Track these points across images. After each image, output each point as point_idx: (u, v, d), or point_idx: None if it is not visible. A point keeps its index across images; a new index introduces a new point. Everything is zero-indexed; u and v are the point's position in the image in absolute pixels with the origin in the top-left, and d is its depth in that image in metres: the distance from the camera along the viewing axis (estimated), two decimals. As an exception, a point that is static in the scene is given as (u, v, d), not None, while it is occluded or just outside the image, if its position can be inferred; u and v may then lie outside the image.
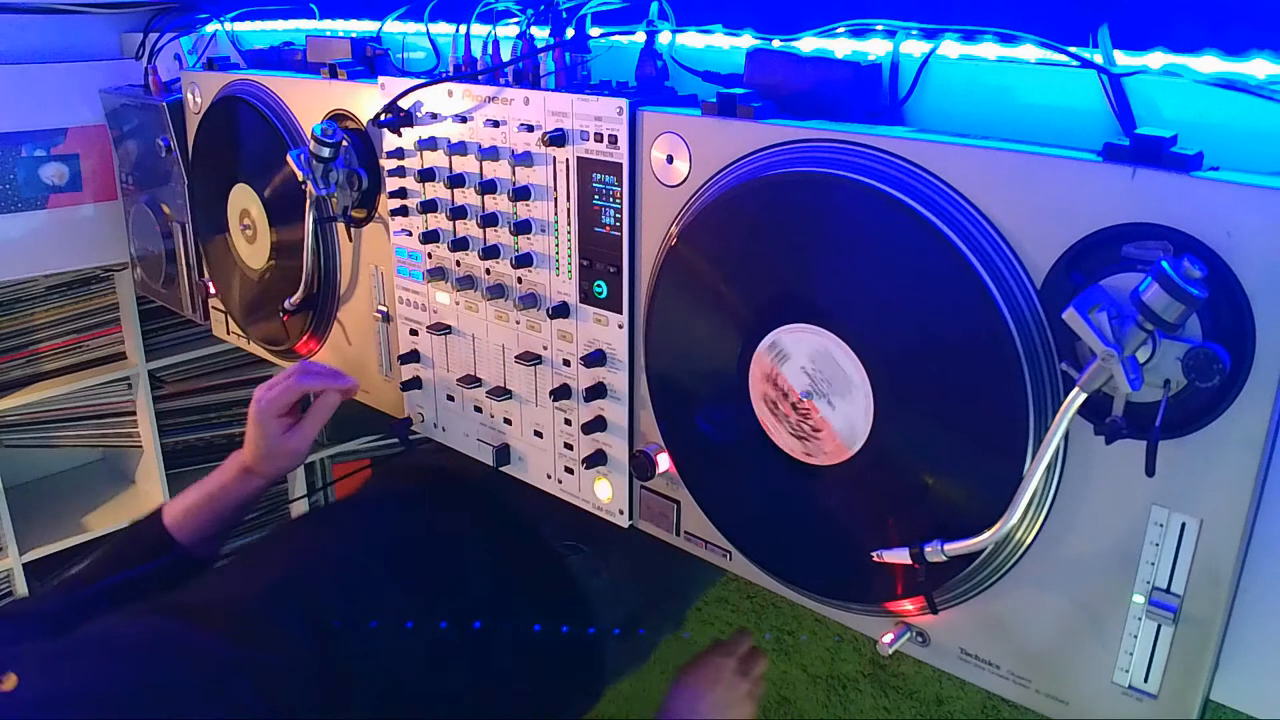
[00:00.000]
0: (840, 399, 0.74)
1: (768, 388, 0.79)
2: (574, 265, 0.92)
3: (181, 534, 1.05)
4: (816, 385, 0.76)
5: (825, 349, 0.74)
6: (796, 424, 0.78)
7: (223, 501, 1.09)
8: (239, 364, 2.18)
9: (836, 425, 0.75)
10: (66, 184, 1.64)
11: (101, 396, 2.05)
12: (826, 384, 0.75)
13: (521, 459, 1.05)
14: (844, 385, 0.74)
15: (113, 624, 0.84)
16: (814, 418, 0.76)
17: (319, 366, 1.15)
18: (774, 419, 0.79)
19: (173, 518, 1.06)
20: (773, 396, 0.79)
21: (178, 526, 1.06)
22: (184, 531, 1.06)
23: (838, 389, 0.74)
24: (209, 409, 2.20)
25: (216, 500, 1.08)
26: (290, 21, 1.42)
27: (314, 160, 1.08)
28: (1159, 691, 0.66)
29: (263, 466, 1.09)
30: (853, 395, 0.74)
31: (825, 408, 0.76)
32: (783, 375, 0.78)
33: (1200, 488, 0.61)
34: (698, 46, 0.90)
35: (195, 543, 1.06)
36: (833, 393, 0.75)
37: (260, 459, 1.09)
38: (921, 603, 0.74)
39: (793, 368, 0.77)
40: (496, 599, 1.06)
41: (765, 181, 0.75)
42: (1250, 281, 0.56)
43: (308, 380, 1.11)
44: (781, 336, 0.77)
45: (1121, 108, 0.66)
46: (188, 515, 1.07)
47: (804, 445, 0.78)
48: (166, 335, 2.07)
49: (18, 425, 2.01)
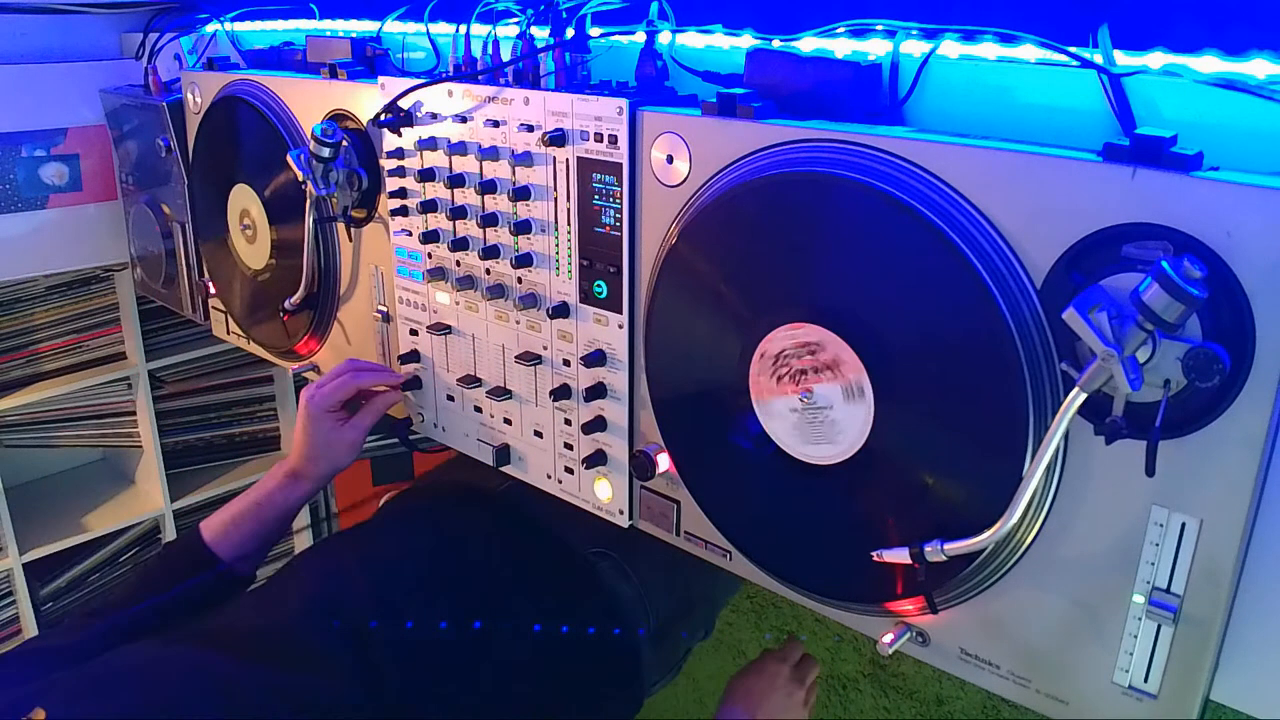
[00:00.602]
0: (840, 398, 0.74)
1: (768, 387, 0.79)
2: (574, 265, 0.92)
3: (223, 549, 1.03)
4: (816, 385, 0.76)
5: (825, 349, 0.74)
6: (797, 423, 0.78)
7: (269, 510, 1.07)
8: (239, 364, 2.18)
9: (837, 424, 0.75)
10: (66, 184, 1.64)
11: (101, 396, 2.05)
12: (827, 383, 0.75)
13: (521, 459, 1.05)
14: (844, 385, 0.74)
15: (143, 652, 0.83)
16: (818, 416, 0.76)
17: (370, 364, 1.14)
18: (774, 418, 0.79)
19: (213, 533, 1.04)
20: (773, 396, 0.79)
21: (218, 541, 1.04)
22: (225, 546, 1.04)
23: (838, 388, 0.74)
24: (209, 409, 2.20)
25: (263, 509, 1.06)
26: (290, 21, 1.42)
27: (314, 160, 1.08)
28: (1159, 691, 0.66)
29: (313, 467, 1.08)
30: (853, 395, 0.74)
31: (825, 407, 0.76)
32: (783, 374, 0.78)
33: (1200, 488, 0.61)
34: (698, 46, 0.90)
35: (236, 558, 1.04)
36: (833, 392, 0.75)
37: (311, 459, 1.07)
38: (921, 603, 0.74)
39: (793, 367, 0.77)
40: (527, 606, 1.04)
41: (765, 181, 0.75)
42: (1250, 281, 0.56)
43: (363, 378, 1.09)
44: (781, 336, 0.77)
45: (1121, 108, 0.66)
46: (229, 528, 1.05)
47: (805, 444, 0.78)
48: (166, 335, 2.07)
49: (18, 425, 2.01)
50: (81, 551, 2.03)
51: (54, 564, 2.00)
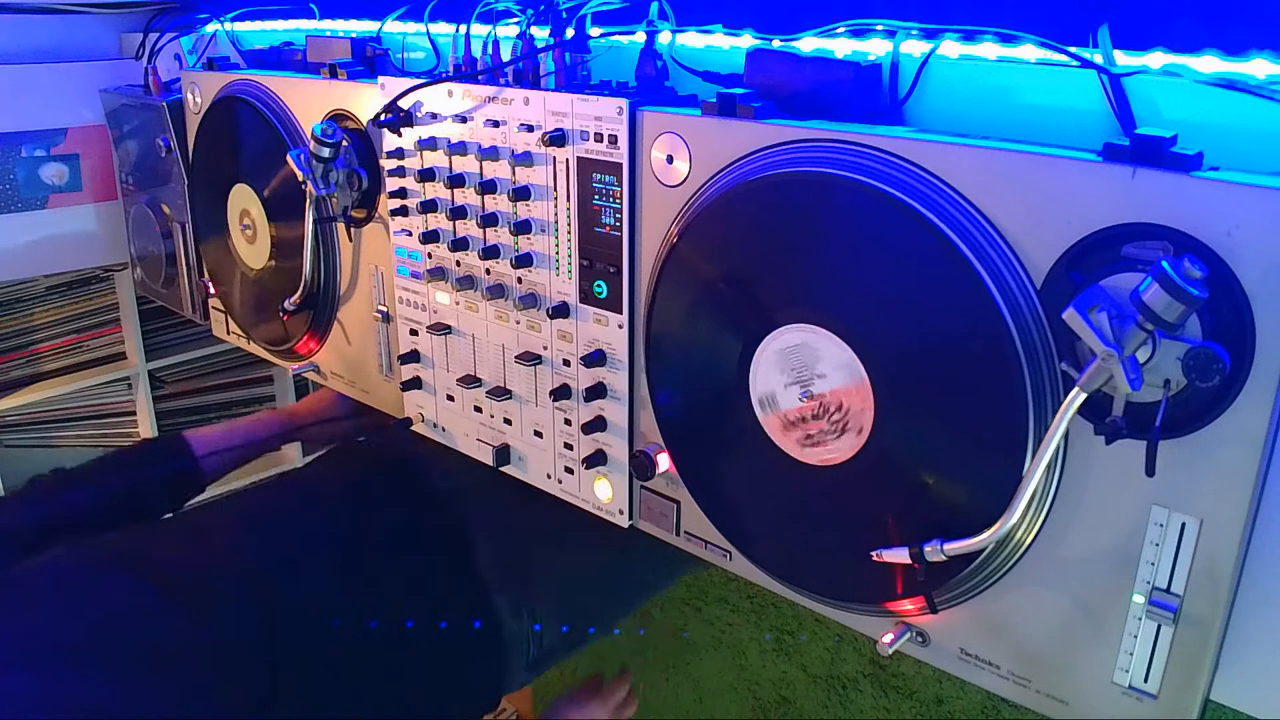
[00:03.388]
0: (840, 399, 0.74)
1: (768, 386, 0.79)
2: (574, 265, 0.92)
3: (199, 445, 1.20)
4: (816, 384, 0.76)
5: (825, 349, 0.74)
6: (798, 423, 0.78)
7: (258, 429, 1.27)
8: (239, 364, 2.18)
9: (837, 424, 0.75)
10: (66, 184, 1.64)
11: (101, 396, 2.05)
12: (826, 383, 0.75)
13: (521, 459, 1.05)
14: (844, 385, 0.74)
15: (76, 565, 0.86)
16: (819, 416, 0.76)
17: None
18: (772, 417, 0.79)
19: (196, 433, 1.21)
20: (773, 396, 0.79)
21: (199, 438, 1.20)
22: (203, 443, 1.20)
23: (838, 388, 0.74)
24: (209, 409, 2.20)
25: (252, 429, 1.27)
26: (290, 21, 1.42)
27: (314, 160, 1.08)
28: (1159, 691, 0.66)
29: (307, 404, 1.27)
30: (853, 395, 0.74)
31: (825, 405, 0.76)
32: (783, 375, 0.78)
33: (1200, 488, 0.61)
34: (698, 46, 0.90)
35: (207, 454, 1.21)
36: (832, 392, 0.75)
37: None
38: (921, 603, 0.74)
39: (793, 368, 0.77)
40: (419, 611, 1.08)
41: (765, 181, 0.75)
42: (1250, 281, 0.56)
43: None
44: (781, 336, 0.77)
45: (1121, 108, 0.66)
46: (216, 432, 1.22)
47: (806, 444, 0.78)
48: (166, 335, 2.07)
49: (18, 425, 2.01)
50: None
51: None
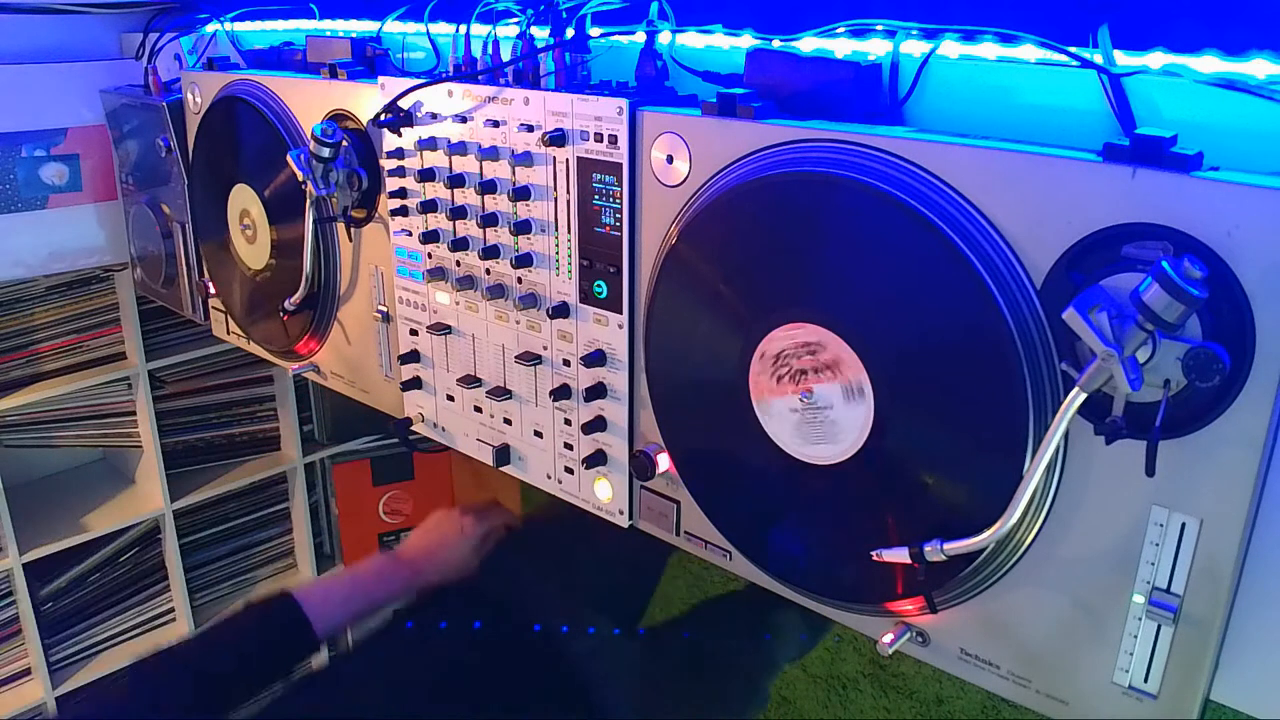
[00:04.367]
0: (840, 399, 0.74)
1: (768, 387, 0.79)
2: (574, 265, 0.92)
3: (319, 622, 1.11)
4: (816, 385, 0.76)
5: (825, 349, 0.74)
6: (799, 423, 0.78)
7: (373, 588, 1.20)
8: (239, 364, 2.18)
9: (837, 424, 0.75)
10: (66, 184, 1.64)
11: (101, 396, 2.05)
12: (827, 383, 0.75)
13: (521, 459, 1.05)
14: (844, 385, 0.74)
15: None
16: (819, 416, 0.76)
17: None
18: (774, 418, 0.79)
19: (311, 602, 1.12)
20: (773, 396, 0.79)
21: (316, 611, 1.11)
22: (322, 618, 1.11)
23: (838, 388, 0.74)
24: (209, 409, 2.20)
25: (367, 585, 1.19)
26: (290, 21, 1.42)
27: (314, 160, 1.08)
28: (1159, 691, 0.66)
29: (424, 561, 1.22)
30: (853, 395, 0.74)
31: (825, 407, 0.76)
32: (783, 374, 0.78)
33: (1200, 488, 0.61)
34: (698, 46, 0.90)
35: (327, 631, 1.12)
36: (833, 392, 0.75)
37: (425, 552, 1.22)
38: (921, 603, 0.74)
39: (793, 367, 0.77)
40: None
41: (765, 181, 0.75)
42: (1250, 281, 0.56)
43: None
44: (781, 336, 0.77)
45: (1121, 108, 0.66)
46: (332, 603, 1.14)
47: (805, 444, 0.78)
48: (166, 335, 2.07)
49: (18, 425, 2.01)
50: (81, 551, 2.03)
51: (54, 564, 2.00)
